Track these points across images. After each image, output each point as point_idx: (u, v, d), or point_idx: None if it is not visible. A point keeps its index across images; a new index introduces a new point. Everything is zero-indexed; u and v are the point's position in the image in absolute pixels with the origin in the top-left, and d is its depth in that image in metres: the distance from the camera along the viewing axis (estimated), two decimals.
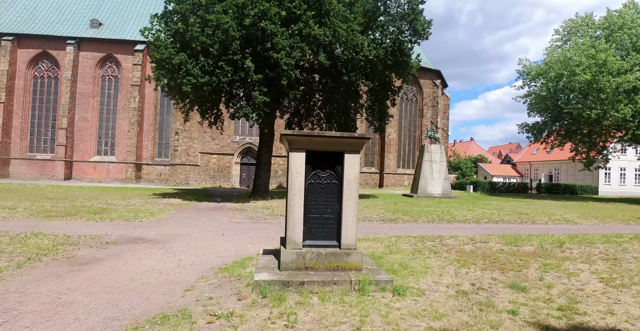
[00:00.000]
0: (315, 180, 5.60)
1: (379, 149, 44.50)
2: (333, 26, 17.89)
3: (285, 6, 17.42)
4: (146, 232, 10.24)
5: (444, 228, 11.82)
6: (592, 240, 9.70)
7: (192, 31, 16.73)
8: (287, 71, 16.97)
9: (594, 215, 17.26)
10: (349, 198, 5.50)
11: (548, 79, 28.51)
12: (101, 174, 41.75)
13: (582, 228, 12.93)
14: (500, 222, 13.87)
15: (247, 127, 38.80)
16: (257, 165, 22.48)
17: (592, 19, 30.13)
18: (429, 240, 9.11)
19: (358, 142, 5.46)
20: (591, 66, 25.37)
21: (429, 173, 27.11)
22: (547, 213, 16.82)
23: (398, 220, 13.31)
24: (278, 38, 16.59)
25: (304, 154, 5.48)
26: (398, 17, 19.75)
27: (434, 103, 46.73)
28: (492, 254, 7.60)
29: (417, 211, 16.13)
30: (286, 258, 5.38)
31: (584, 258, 7.45)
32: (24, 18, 41.57)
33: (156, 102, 41.63)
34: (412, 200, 22.99)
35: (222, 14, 16.50)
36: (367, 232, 10.71)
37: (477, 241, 9.20)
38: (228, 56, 16.56)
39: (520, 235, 10.34)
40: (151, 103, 41.69)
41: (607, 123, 26.32)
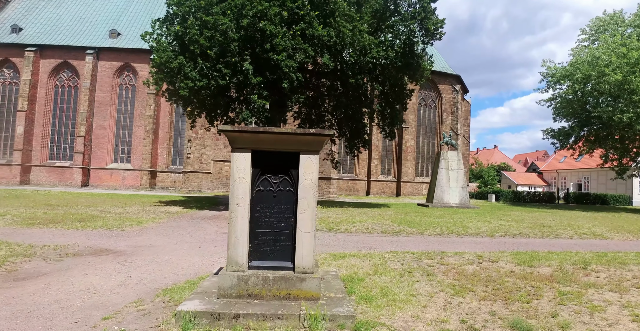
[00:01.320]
0: (266, 187, 4.58)
1: (395, 157, 43.06)
2: (338, 26, 16.97)
3: (288, 6, 16.63)
4: (119, 242, 9.46)
5: (451, 243, 10.52)
6: (625, 260, 8.23)
7: (191, 33, 16.14)
8: (288, 73, 16.11)
9: (627, 228, 15.48)
10: (305, 210, 4.44)
11: (574, 81, 26.61)
12: (117, 181, 41.96)
13: (612, 244, 11.36)
14: (517, 235, 12.42)
15: None
16: None
17: (621, 17, 28.12)
18: (428, 258, 7.89)
19: (315, 139, 4.41)
20: (622, 66, 23.45)
21: (446, 181, 25.59)
22: (572, 226, 15.17)
23: (402, 233, 12.07)
24: (278, 39, 15.78)
25: (250, 155, 4.48)
26: (408, 17, 18.65)
27: (453, 109, 45.03)
28: (499, 277, 6.33)
29: (426, 222, 14.80)
30: (225, 283, 4.35)
31: (614, 285, 6.09)
32: (46, 29, 42.64)
33: (171, 110, 41.65)
34: (426, 210, 21.57)
35: (221, 15, 15.83)
36: (361, 246, 9.56)
37: (485, 259, 7.92)
38: (226, 58, 15.85)
39: (538, 253, 8.95)
40: (166, 111, 41.74)
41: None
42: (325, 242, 10.18)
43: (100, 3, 46.11)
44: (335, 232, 11.96)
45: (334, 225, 13.27)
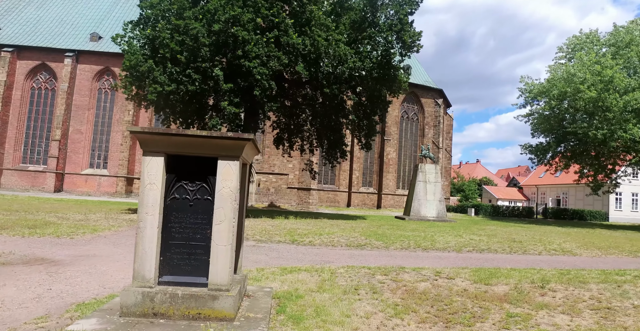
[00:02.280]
0: (181, 195, 4.16)
1: (377, 169, 42.91)
2: (313, 35, 16.78)
3: (262, 13, 16.40)
4: (62, 251, 8.87)
5: (415, 258, 10.16)
6: (586, 279, 7.97)
7: (161, 37, 15.75)
8: (261, 81, 15.78)
9: (598, 244, 15.37)
10: (221, 221, 4.02)
11: (551, 97, 26.91)
12: (92, 187, 40.81)
13: (579, 261, 11.14)
14: (485, 251, 12.14)
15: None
16: None
17: (597, 36, 28.70)
18: (382, 273, 7.50)
19: (235, 144, 4.02)
20: (596, 83, 23.78)
21: (423, 194, 25.39)
22: (544, 242, 14.99)
23: (367, 246, 11.68)
24: (251, 46, 15.50)
25: (163, 159, 4.06)
26: (385, 28, 18.59)
27: (435, 122, 45.27)
28: (448, 296, 5.96)
29: (396, 236, 14.45)
30: (128, 300, 3.88)
31: (567, 307, 5.77)
32: (25, 30, 41.75)
33: (151, 116, 40.88)
34: (401, 223, 21.26)
35: (193, 19, 15.50)
36: (319, 260, 9.12)
37: (442, 276, 7.56)
38: (197, 64, 15.47)
39: (500, 269, 8.64)
40: (146, 116, 40.98)
41: (615, 145, 24.49)
42: (282, 254, 9.73)
43: (83, 6, 45.52)
44: (298, 245, 11.51)
45: (299, 237, 12.81)
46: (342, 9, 20.49)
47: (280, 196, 37.04)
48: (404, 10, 18.67)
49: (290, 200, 37.03)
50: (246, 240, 11.90)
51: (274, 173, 36.91)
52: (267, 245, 11.12)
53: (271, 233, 13.53)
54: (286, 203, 36.74)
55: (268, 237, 12.53)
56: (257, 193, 36.89)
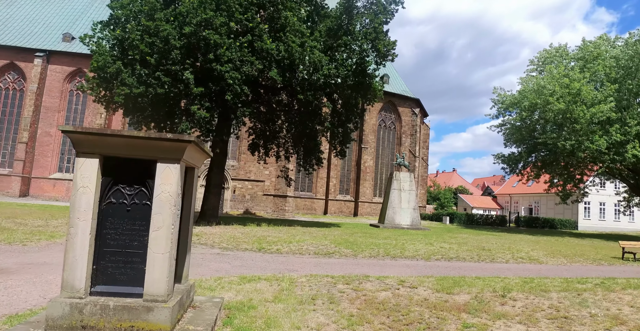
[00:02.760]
0: (118, 199, 3.90)
1: (354, 176, 42.96)
2: (287, 41, 16.69)
3: (236, 18, 16.21)
4: (10, 259, 8.39)
5: (382, 266, 10.04)
6: (548, 287, 7.99)
7: (131, 38, 15.36)
8: (232, 85, 15.52)
9: (564, 252, 15.63)
10: (159, 227, 3.78)
11: (522, 108, 27.59)
12: (60, 192, 39.33)
13: (545, 269, 11.26)
14: (454, 259, 12.14)
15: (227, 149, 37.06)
16: (206, 187, 20.70)
17: (566, 50, 29.70)
18: (345, 282, 7.32)
19: (175, 146, 3.80)
20: (565, 95, 24.50)
21: (397, 202, 25.45)
22: (512, 250, 15.14)
23: (334, 255, 11.50)
24: (223, 50, 15.26)
25: (97, 161, 3.80)
26: (360, 36, 18.67)
27: (412, 131, 45.77)
28: (407, 306, 5.83)
29: (367, 243, 14.33)
30: (54, 312, 3.59)
31: (525, 316, 5.72)
32: None
33: (124, 119, 39.89)
34: (375, 231, 21.20)
35: (164, 21, 15.18)
36: (283, 268, 8.89)
37: (405, 285, 7.44)
38: (166, 66, 15.11)
39: (465, 278, 8.60)
40: (119, 120, 39.90)
41: (582, 155, 25.20)
42: (246, 263, 9.44)
43: (56, 5, 44.33)
44: (264, 253, 11.23)
45: (267, 244, 12.54)
46: (319, 16, 20.56)
47: (256, 203, 36.55)
48: (379, 19, 18.81)
49: (266, 207, 36.58)
50: (211, 248, 11.57)
51: (250, 180, 36.44)
52: (233, 253, 10.80)
53: (239, 240, 13.21)
54: (262, 211, 36.27)
55: (235, 245, 12.21)
56: (233, 200, 36.31)
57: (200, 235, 14.01)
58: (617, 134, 24.75)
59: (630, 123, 25.16)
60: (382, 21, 18.99)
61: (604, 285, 8.75)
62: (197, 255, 10.27)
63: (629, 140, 25.13)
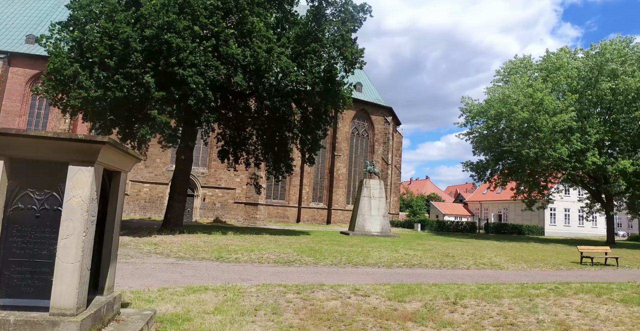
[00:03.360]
0: (26, 205, 3.59)
1: (327, 184, 42.87)
2: (254, 47, 16.52)
3: (201, 22, 15.93)
4: None
5: (341, 274, 9.87)
6: (502, 293, 7.99)
7: (89, 40, 14.84)
8: (196, 90, 15.17)
9: (526, 258, 15.88)
10: (68, 235, 3.48)
11: (489, 117, 28.26)
12: None
13: (504, 275, 11.34)
14: (416, 266, 12.09)
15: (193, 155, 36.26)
16: (170, 195, 20.09)
17: (530, 61, 30.73)
18: (296, 292, 7.10)
19: (87, 147, 3.53)
20: (528, 104, 25.24)
21: (367, 209, 25.45)
22: (476, 256, 15.26)
23: (294, 263, 11.26)
24: (186, 53, 14.93)
25: (2, 163, 3.48)
26: (327, 43, 18.69)
27: (385, 139, 46.21)
28: (353, 316, 5.65)
29: (331, 251, 14.15)
30: None
31: (472, 324, 5.64)
32: None
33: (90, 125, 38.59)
34: (344, 239, 21.06)
35: (124, 23, 14.75)
36: (236, 277, 8.58)
37: (359, 293, 7.28)
38: (126, 69, 14.65)
39: (422, 285, 8.52)
40: (85, 125, 38.54)
41: (546, 163, 25.94)
42: (199, 272, 9.08)
43: (20, 6, 42.82)
44: (222, 262, 10.88)
45: (227, 253, 12.17)
46: (288, 23, 20.51)
47: (226, 211, 35.87)
48: (347, 27, 18.91)
49: (237, 215, 35.95)
50: (166, 258, 11.13)
51: (220, 188, 35.78)
52: (188, 263, 10.41)
53: (199, 249, 12.78)
54: (233, 219, 35.61)
55: (193, 254, 11.80)
56: (202, 208, 35.53)
57: (158, 245, 13.50)
58: (577, 142, 25.61)
59: (590, 132, 26.10)
60: (349, 29, 19.10)
61: (557, 290, 8.84)
62: (149, 265, 9.84)
63: (589, 148, 26.05)
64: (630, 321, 6.35)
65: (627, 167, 24.44)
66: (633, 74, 25.21)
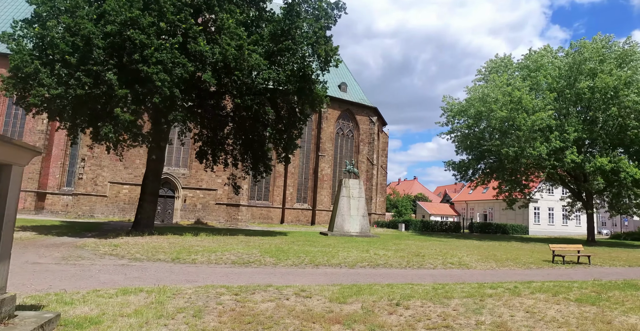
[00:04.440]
0: None
1: (312, 185, 42.57)
2: (222, 44, 16.20)
3: (168, 18, 15.57)
4: None
5: (296, 275, 9.57)
6: (453, 294, 7.75)
7: (50, 36, 14.41)
8: (161, 88, 14.80)
9: (498, 257, 15.70)
10: None
11: (469, 116, 28.20)
12: None
13: (468, 274, 11.13)
14: (381, 266, 11.83)
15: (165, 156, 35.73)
16: (141, 195, 19.63)
17: (511, 60, 30.75)
18: (235, 294, 6.79)
19: None
20: (507, 103, 25.20)
21: (346, 209, 25.20)
22: (447, 256, 15.04)
23: (253, 264, 10.94)
24: (151, 50, 14.55)
25: None
26: (300, 41, 18.40)
27: (370, 139, 46.05)
28: (280, 318, 5.36)
29: (298, 251, 13.84)
30: None
31: (405, 326, 5.38)
32: None
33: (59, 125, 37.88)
34: (319, 239, 20.76)
35: (86, 19, 14.34)
36: (181, 279, 8.24)
37: (302, 295, 6.99)
38: (87, 66, 14.23)
39: (374, 285, 8.25)
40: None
41: (525, 161, 25.90)
42: (145, 274, 8.72)
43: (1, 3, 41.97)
44: (177, 263, 10.53)
45: (187, 254, 11.81)
46: (263, 21, 20.18)
47: (208, 212, 35.40)
48: (320, 24, 18.66)
49: (219, 216, 35.50)
50: (120, 259, 10.76)
51: (202, 189, 35.32)
52: (140, 264, 10.04)
53: (159, 251, 12.40)
54: (214, 220, 35.16)
55: (150, 255, 11.42)
56: (183, 209, 35.02)
57: (119, 246, 13.10)
58: (556, 141, 25.60)
59: (568, 130, 26.12)
60: (322, 26, 18.85)
61: (515, 289, 8.62)
62: (97, 266, 9.47)
63: (568, 146, 26.06)
64: (577, 321, 6.14)
65: (605, 165, 24.48)
66: (610, 72, 25.27)
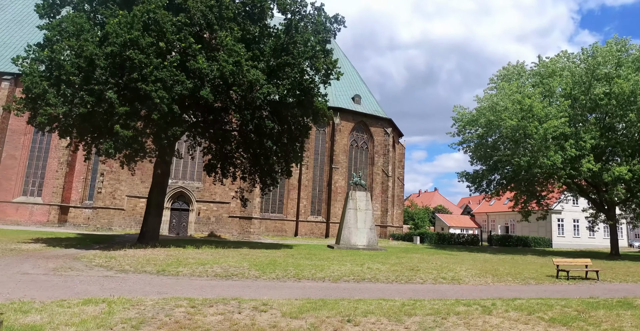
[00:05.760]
0: None
1: (326, 197, 42.50)
2: (219, 61, 16.69)
3: (168, 38, 16.20)
4: None
5: (272, 288, 9.57)
6: (418, 311, 7.54)
7: (57, 59, 15.27)
8: (160, 105, 15.33)
9: (499, 271, 15.13)
10: None
11: (479, 126, 27.64)
12: (23, 216, 38.55)
13: (453, 290, 10.81)
14: (367, 280, 11.65)
15: (180, 170, 36.74)
16: (147, 208, 20.19)
17: (523, 67, 30.04)
18: (192, 306, 6.88)
19: None
20: (517, 111, 24.57)
21: (353, 222, 24.98)
22: (443, 270, 14.65)
23: (235, 277, 11.00)
24: (150, 69, 15.15)
25: None
26: (298, 55, 18.68)
27: (385, 151, 45.73)
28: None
29: (289, 265, 13.82)
30: None
31: None
32: None
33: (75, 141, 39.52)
34: (322, 252, 20.63)
35: (90, 41, 15.12)
36: (153, 291, 8.41)
37: (260, 309, 7.00)
38: (90, 85, 14.94)
39: (340, 301, 8.15)
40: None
41: (539, 171, 25.04)
42: (122, 285, 8.91)
43: (29, 30, 44.69)
44: (161, 275, 10.73)
45: (174, 267, 12.02)
46: (263, 36, 20.65)
47: (221, 225, 35.88)
48: (317, 38, 18.92)
49: (232, 229, 35.91)
50: (107, 270, 11.09)
51: (215, 202, 35.90)
52: (123, 276, 10.30)
53: (150, 262, 12.68)
54: (227, 233, 35.57)
55: (139, 267, 11.69)
56: (197, 222, 35.65)
57: (114, 258, 13.47)
58: (572, 149, 24.70)
59: (584, 137, 25.18)
60: (320, 40, 19.10)
61: (491, 306, 8.31)
62: (81, 277, 9.78)
63: (584, 154, 25.08)
64: None
65: (624, 174, 23.37)
66: (627, 77, 24.31)
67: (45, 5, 17.09)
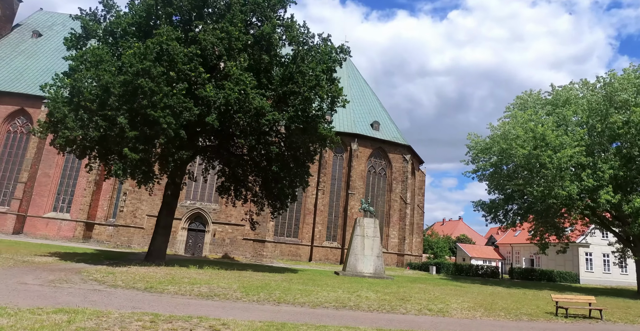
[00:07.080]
0: None
1: (341, 223, 42.36)
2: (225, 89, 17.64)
3: (179, 68, 17.34)
4: None
5: (243, 310, 9.76)
6: None
7: (77, 86, 16.64)
8: (167, 130, 16.30)
9: (493, 306, 14.58)
10: None
11: (492, 153, 27.26)
12: (52, 231, 40.59)
13: (432, 322, 10.63)
14: (348, 307, 11.62)
15: (198, 192, 37.89)
16: (155, 228, 20.97)
17: (539, 96, 29.66)
18: (149, 321, 7.22)
19: None
20: (529, 140, 24.14)
21: (360, 249, 24.81)
22: (435, 301, 14.32)
23: (217, 297, 11.26)
24: (159, 96, 16.21)
25: None
26: (302, 84, 19.42)
27: (403, 178, 45.44)
28: None
29: (277, 289, 13.95)
30: None
31: None
32: (10, 77, 44.06)
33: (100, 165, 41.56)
34: (325, 279, 20.54)
35: (107, 71, 16.44)
36: (128, 305, 8.82)
37: (214, 328, 7.27)
38: (104, 111, 16.13)
39: (299, 326, 8.28)
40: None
41: (553, 202, 24.22)
42: (104, 299, 9.36)
43: None
44: (146, 291, 11.17)
45: (164, 285, 12.45)
46: (272, 65, 21.61)
47: (235, 247, 36.37)
48: (321, 67, 19.63)
49: (245, 251, 36.29)
50: (99, 284, 11.69)
51: (230, 224, 36.56)
52: (110, 291, 10.80)
53: (143, 280, 13.17)
54: (240, 255, 35.96)
55: (130, 284, 12.20)
56: (212, 243, 36.31)
57: (113, 274, 14.08)
58: (589, 179, 23.88)
59: (602, 167, 24.33)
60: (324, 69, 19.79)
61: None
62: (72, 290, 10.37)
63: (603, 185, 24.15)
64: None
65: None
66: None
67: (72, 38, 18.78)
